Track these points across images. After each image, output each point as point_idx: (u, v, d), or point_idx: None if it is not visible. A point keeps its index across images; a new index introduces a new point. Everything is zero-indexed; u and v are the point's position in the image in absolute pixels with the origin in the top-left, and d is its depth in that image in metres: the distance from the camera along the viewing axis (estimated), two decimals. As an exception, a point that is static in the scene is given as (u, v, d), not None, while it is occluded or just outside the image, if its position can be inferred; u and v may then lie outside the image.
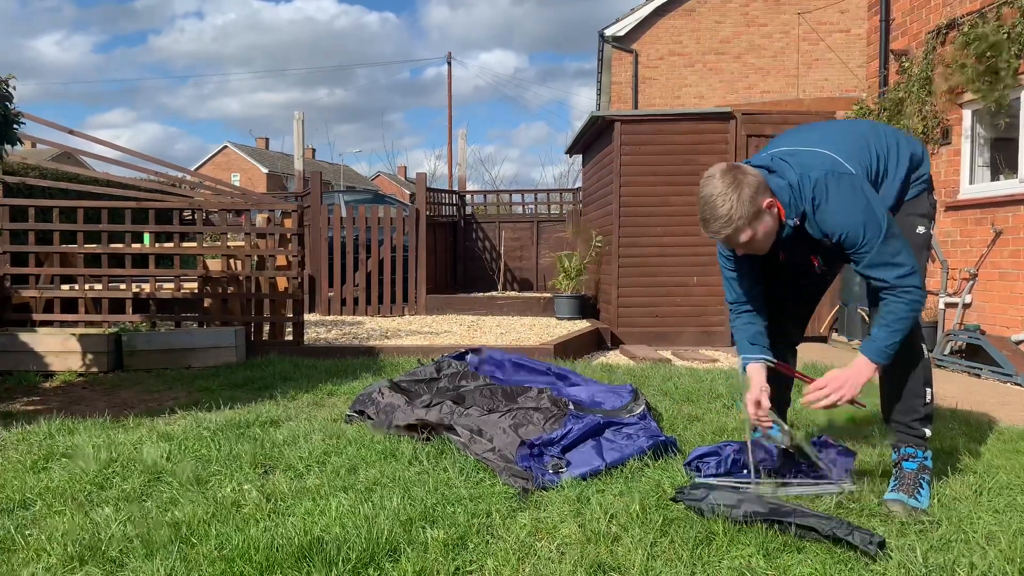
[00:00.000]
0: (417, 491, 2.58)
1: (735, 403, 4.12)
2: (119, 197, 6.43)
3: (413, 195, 17.35)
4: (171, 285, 6.42)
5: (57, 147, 7.12)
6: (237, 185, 10.22)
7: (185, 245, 6.51)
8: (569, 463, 2.82)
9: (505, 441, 3.01)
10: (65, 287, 6.38)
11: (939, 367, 5.71)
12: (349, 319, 9.11)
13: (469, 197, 13.19)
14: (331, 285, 9.63)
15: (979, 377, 5.36)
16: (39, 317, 6.13)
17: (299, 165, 13.70)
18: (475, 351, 4.83)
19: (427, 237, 9.88)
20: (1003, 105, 5.91)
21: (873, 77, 7.58)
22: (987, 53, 5.84)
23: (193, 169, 50.22)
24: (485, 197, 13.91)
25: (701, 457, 2.76)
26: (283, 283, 6.55)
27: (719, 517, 2.27)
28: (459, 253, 12.56)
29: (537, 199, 13.11)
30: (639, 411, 3.44)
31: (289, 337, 6.44)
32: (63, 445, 3.19)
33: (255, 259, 6.53)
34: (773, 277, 2.83)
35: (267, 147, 62.86)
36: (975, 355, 5.68)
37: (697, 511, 2.34)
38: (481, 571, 2.03)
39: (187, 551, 2.10)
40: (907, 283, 2.44)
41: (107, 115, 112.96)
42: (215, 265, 6.58)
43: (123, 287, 6.25)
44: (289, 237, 6.35)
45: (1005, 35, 5.74)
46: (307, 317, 8.19)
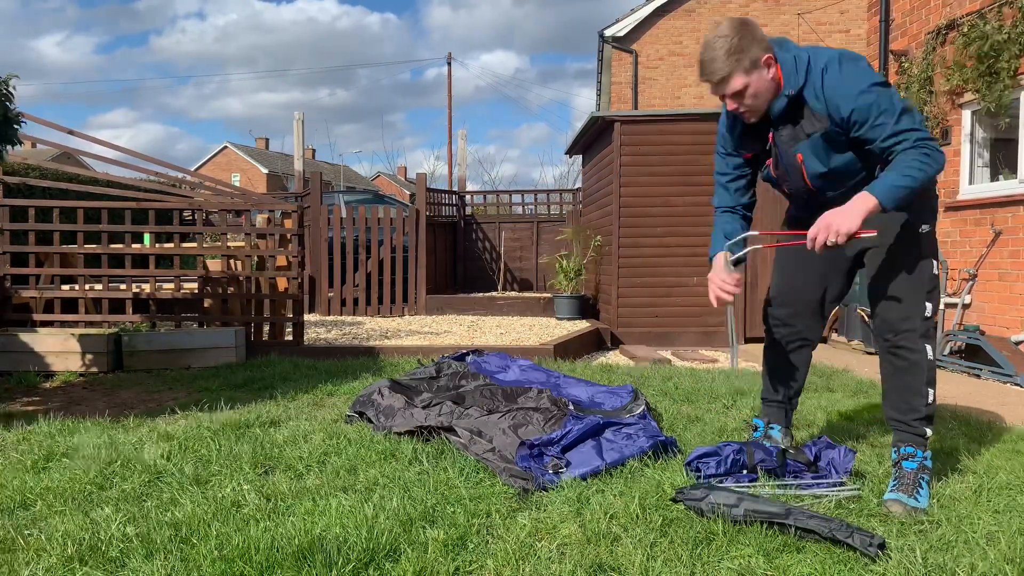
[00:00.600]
0: (417, 491, 2.58)
1: (735, 403, 4.13)
2: (119, 197, 6.43)
3: (413, 195, 17.35)
4: (171, 285, 6.42)
5: (57, 147, 7.12)
6: (237, 185, 10.22)
7: (185, 245, 6.52)
8: (569, 463, 2.82)
9: (505, 442, 3.01)
10: (65, 287, 6.38)
11: (939, 367, 5.71)
12: (349, 319, 9.11)
13: (469, 197, 13.20)
14: (331, 285, 9.63)
15: (979, 377, 5.37)
16: (39, 317, 6.14)
17: (299, 165, 13.71)
18: (476, 352, 4.83)
19: (427, 237, 9.88)
20: (1003, 105, 5.92)
21: (873, 77, 7.58)
22: (987, 53, 5.85)
23: (193, 169, 50.18)
24: (485, 197, 13.92)
25: (701, 457, 2.76)
26: (283, 283, 6.55)
27: (719, 517, 2.27)
28: (459, 253, 12.56)
29: (537, 199, 13.12)
30: (639, 411, 3.44)
31: (289, 337, 6.44)
32: (63, 445, 3.19)
33: (255, 259, 6.53)
34: (797, 265, 2.85)
35: (267, 147, 62.87)
36: (975, 355, 5.69)
37: (697, 511, 2.35)
38: (481, 571, 2.03)
39: (187, 551, 2.10)
40: (927, 145, 2.36)
41: (108, 115, 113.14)
42: (215, 265, 6.58)
43: (123, 287, 6.25)
44: (289, 237, 6.35)
45: (1005, 36, 5.74)
46: (307, 317, 8.20)
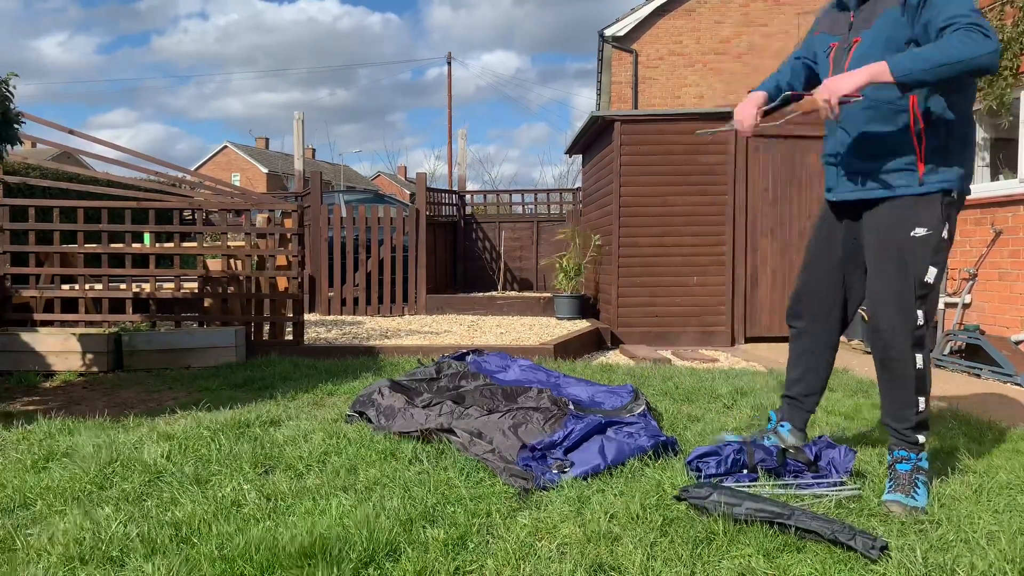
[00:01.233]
0: (417, 491, 2.58)
1: (735, 403, 4.13)
2: (119, 197, 6.43)
3: (413, 195, 17.34)
4: (171, 285, 6.42)
5: (57, 147, 7.12)
6: (237, 185, 10.22)
7: (185, 245, 6.51)
8: (572, 463, 2.82)
9: (505, 444, 3.01)
10: (65, 287, 6.38)
11: (939, 367, 5.71)
12: (349, 319, 9.11)
13: (469, 197, 13.20)
14: (331, 285, 9.63)
15: (979, 377, 5.36)
16: (39, 317, 6.14)
17: (299, 165, 13.71)
18: (476, 352, 4.83)
19: (427, 237, 9.88)
20: (1005, 104, 5.91)
21: (873, 77, 7.57)
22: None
23: (193, 169, 50.23)
24: (485, 197, 13.91)
25: (701, 457, 2.76)
26: (283, 283, 6.55)
27: (722, 516, 2.27)
28: (459, 253, 12.56)
29: (537, 199, 13.12)
30: (639, 411, 3.44)
31: (289, 337, 6.44)
32: (63, 445, 3.19)
33: (255, 259, 6.53)
34: (819, 256, 2.93)
35: (267, 147, 62.86)
36: (975, 355, 5.68)
37: (701, 509, 2.35)
38: (481, 571, 2.03)
39: (188, 551, 2.10)
40: (973, 28, 2.31)
41: (109, 115, 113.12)
42: (215, 265, 6.58)
43: (123, 287, 6.25)
44: (289, 237, 6.35)
45: (1006, 35, 5.74)
46: (307, 317, 8.20)
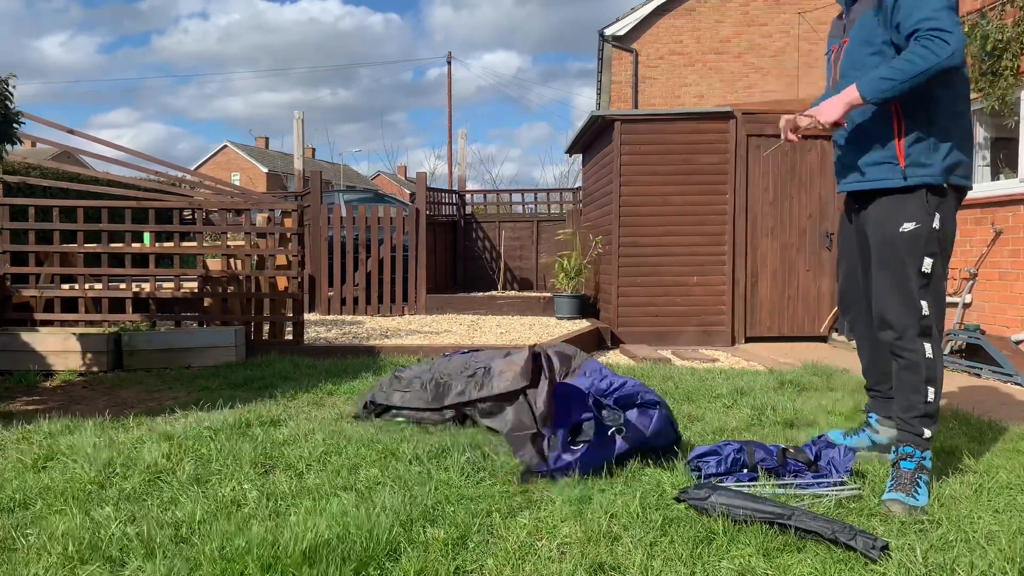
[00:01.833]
0: (417, 491, 2.58)
1: (735, 403, 4.13)
2: (119, 196, 6.43)
3: (413, 195, 17.33)
4: (171, 285, 6.42)
5: (57, 147, 7.12)
6: (237, 184, 10.22)
7: (185, 245, 6.51)
8: (628, 421, 2.84)
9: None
10: (65, 286, 6.38)
11: (939, 367, 5.70)
12: (349, 319, 9.11)
13: (469, 197, 13.20)
14: (331, 285, 9.63)
15: (979, 377, 5.36)
16: (39, 316, 6.14)
17: (299, 164, 13.71)
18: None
19: (427, 237, 9.88)
20: (1006, 104, 5.91)
21: (873, 77, 7.57)
22: (989, 52, 5.84)
23: (193, 168, 50.22)
24: (485, 197, 13.91)
25: (701, 456, 2.76)
26: (283, 283, 6.55)
27: (721, 517, 2.27)
28: (459, 253, 12.56)
29: (537, 199, 13.11)
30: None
31: (289, 337, 6.44)
32: (63, 445, 3.19)
33: (255, 259, 6.53)
34: (843, 252, 3.06)
35: (267, 147, 62.84)
36: (975, 355, 5.68)
37: (700, 510, 2.35)
38: (481, 571, 2.03)
39: (188, 551, 2.10)
40: (930, 35, 2.39)
41: (110, 115, 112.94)
42: (215, 265, 6.58)
43: (123, 287, 6.25)
44: (289, 237, 6.35)
45: (1007, 35, 5.74)
46: (307, 317, 8.20)
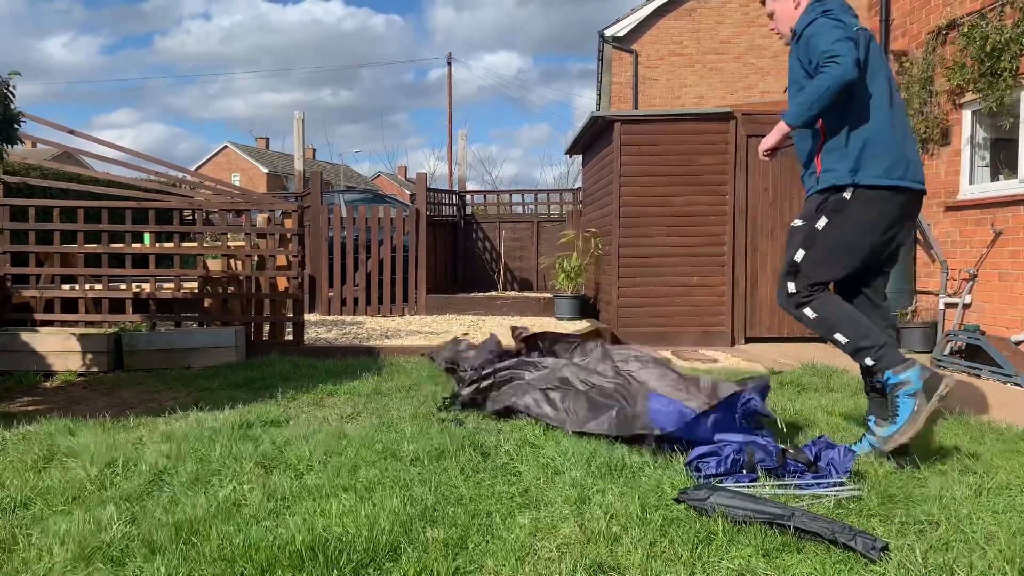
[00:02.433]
0: (417, 491, 2.58)
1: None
2: (119, 197, 6.43)
3: (413, 195, 17.34)
4: (171, 285, 6.42)
5: (58, 147, 7.12)
6: (237, 185, 10.22)
7: (185, 245, 6.52)
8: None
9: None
10: (65, 287, 6.38)
11: (939, 367, 5.71)
12: (349, 319, 9.12)
13: (469, 197, 13.20)
14: (331, 285, 9.63)
15: (979, 377, 5.36)
16: (40, 317, 6.14)
17: (299, 165, 13.71)
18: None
19: (427, 237, 9.88)
20: (1006, 105, 5.91)
21: (873, 77, 7.56)
22: (988, 53, 5.84)
23: (193, 169, 50.24)
24: (485, 197, 13.91)
25: (701, 457, 2.76)
26: (283, 283, 6.55)
27: (721, 517, 2.27)
28: (459, 253, 12.56)
29: (537, 199, 13.12)
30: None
31: (289, 337, 6.44)
32: (63, 445, 3.19)
33: (255, 259, 6.53)
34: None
35: (267, 147, 62.87)
36: (975, 355, 5.68)
37: (700, 511, 2.35)
38: (481, 571, 2.03)
39: (188, 551, 2.10)
40: (829, 60, 2.91)
41: (112, 115, 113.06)
42: (215, 265, 6.58)
43: (123, 287, 6.25)
44: (289, 237, 6.35)
45: (1006, 35, 5.74)
46: (307, 317, 8.19)
